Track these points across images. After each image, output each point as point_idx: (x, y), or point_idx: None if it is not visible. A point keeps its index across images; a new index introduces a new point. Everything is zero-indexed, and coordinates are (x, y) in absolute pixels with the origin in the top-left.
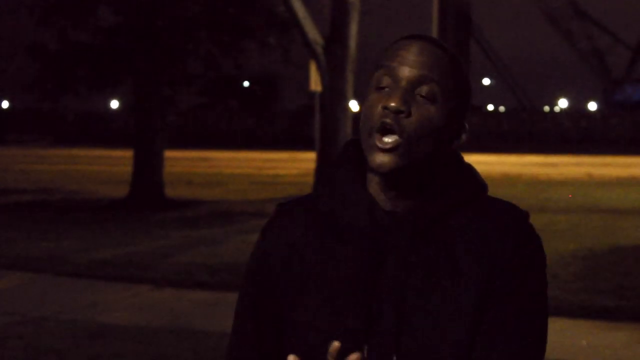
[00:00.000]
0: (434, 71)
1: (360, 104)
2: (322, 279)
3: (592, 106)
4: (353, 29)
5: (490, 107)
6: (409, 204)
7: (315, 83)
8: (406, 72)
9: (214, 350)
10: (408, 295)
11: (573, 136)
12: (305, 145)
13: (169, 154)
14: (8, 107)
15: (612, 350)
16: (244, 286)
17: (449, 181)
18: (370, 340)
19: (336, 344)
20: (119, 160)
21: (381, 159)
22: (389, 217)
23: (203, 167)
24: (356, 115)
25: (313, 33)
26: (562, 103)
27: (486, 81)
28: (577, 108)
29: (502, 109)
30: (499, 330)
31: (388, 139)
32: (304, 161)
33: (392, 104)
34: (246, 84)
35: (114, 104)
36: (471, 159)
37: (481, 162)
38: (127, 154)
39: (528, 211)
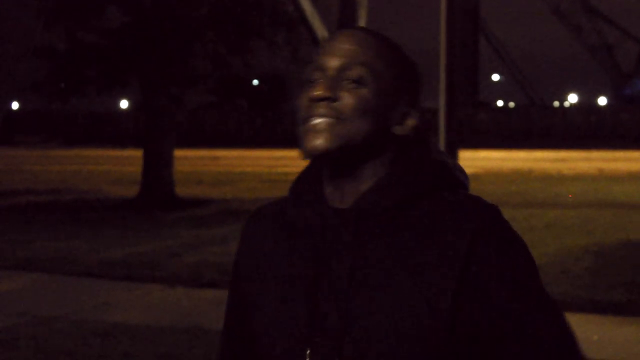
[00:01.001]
0: (360, 55)
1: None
2: (275, 280)
3: (602, 101)
4: (361, 25)
5: (500, 103)
6: (357, 200)
7: None
8: (331, 61)
9: None
10: (354, 296)
11: (583, 131)
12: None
13: (178, 153)
14: (17, 109)
15: (623, 345)
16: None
17: (399, 173)
18: (313, 343)
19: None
20: (128, 160)
21: (312, 141)
22: (337, 213)
23: (213, 166)
24: None
25: (321, 31)
26: (572, 98)
27: (495, 77)
28: (587, 103)
29: (511, 104)
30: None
31: (317, 119)
32: None
33: (316, 93)
34: (255, 83)
35: (124, 104)
36: (481, 155)
37: (491, 158)
38: (137, 153)
39: (495, 204)
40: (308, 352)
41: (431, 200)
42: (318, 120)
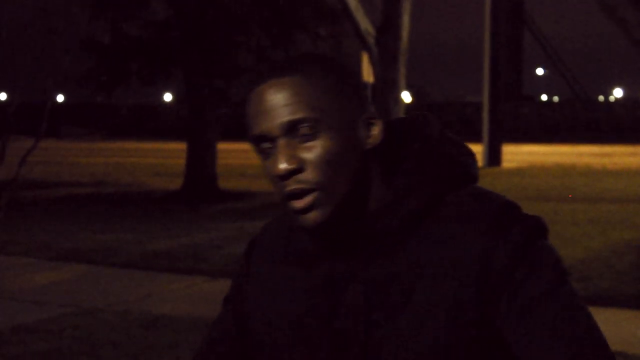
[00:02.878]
0: (296, 109)
1: (413, 95)
2: (283, 311)
3: None
4: (405, 19)
5: (544, 97)
6: (363, 224)
7: (367, 74)
8: (272, 125)
9: None
10: (372, 321)
11: (628, 126)
12: None
13: (222, 146)
14: (63, 101)
15: None
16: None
17: (401, 187)
18: None
19: None
20: (172, 153)
21: (303, 220)
22: (343, 240)
23: (255, 159)
24: (409, 106)
25: (365, 24)
26: (617, 92)
27: (540, 71)
28: (632, 97)
29: (555, 99)
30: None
31: (301, 202)
32: None
33: (281, 170)
34: None
35: (167, 97)
36: (524, 149)
37: (534, 152)
38: (181, 146)
39: (515, 202)
40: None
41: (440, 207)
42: (302, 203)
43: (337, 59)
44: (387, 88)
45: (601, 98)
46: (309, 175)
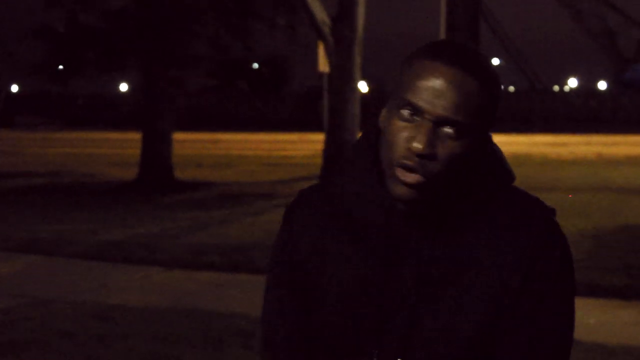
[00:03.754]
0: (462, 110)
1: (369, 85)
2: (337, 277)
3: (602, 85)
4: (360, 9)
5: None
6: (425, 200)
7: (323, 64)
8: (435, 108)
9: (222, 331)
10: (421, 298)
11: (583, 115)
12: (315, 127)
13: (178, 136)
14: (18, 91)
15: (620, 329)
16: (273, 269)
17: (470, 180)
18: (381, 344)
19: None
20: (128, 143)
21: (401, 190)
22: (405, 215)
23: (212, 149)
24: (364, 95)
25: (320, 13)
26: (572, 82)
27: (496, 61)
28: (587, 87)
29: (511, 89)
30: (521, 332)
31: (410, 177)
32: (313, 142)
33: (418, 147)
34: (255, 66)
35: (123, 87)
36: None
37: None
38: (137, 136)
39: (554, 208)
40: (376, 352)
41: (496, 200)
42: (410, 177)
43: (497, 78)
44: (343, 78)
45: (556, 88)
46: (434, 167)
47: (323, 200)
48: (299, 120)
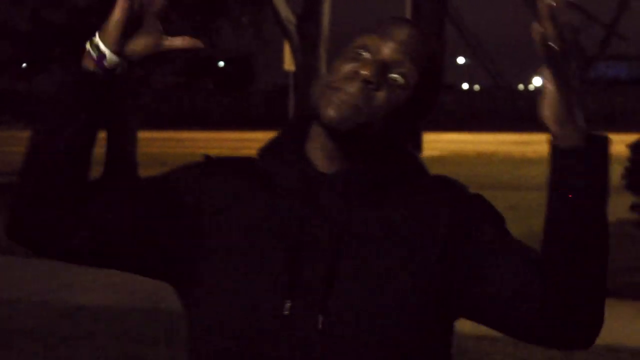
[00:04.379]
0: (415, 60)
1: None
2: (249, 227)
3: None
4: (326, 7)
5: (465, 86)
6: (345, 168)
7: (289, 62)
8: (387, 49)
9: (185, 330)
10: (340, 258)
11: None
12: (281, 125)
13: (142, 134)
14: None
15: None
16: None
17: (388, 155)
18: (294, 296)
19: None
20: None
21: (331, 112)
22: (323, 177)
23: (177, 148)
24: None
25: (285, 11)
26: (537, 81)
27: (461, 60)
28: None
29: (476, 87)
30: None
31: (347, 96)
32: None
33: (364, 72)
34: (221, 64)
35: None
36: (445, 137)
37: (455, 140)
38: (101, 135)
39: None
40: (288, 304)
41: (408, 183)
42: (346, 97)
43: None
44: (309, 76)
45: (521, 87)
46: (375, 98)
47: (237, 165)
48: (267, 118)
